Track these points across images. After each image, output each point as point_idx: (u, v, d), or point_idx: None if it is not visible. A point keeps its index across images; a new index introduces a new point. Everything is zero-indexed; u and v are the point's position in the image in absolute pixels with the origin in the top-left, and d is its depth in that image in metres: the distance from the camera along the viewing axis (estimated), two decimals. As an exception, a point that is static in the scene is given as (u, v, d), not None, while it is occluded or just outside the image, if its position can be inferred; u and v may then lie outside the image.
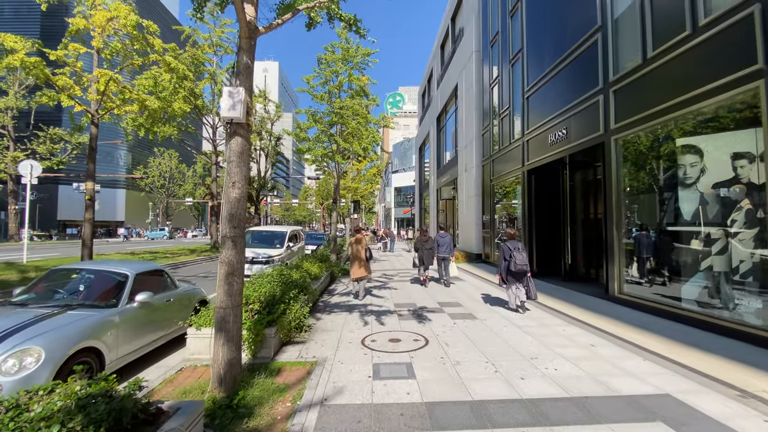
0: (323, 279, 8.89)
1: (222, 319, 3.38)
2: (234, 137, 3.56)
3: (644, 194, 6.75)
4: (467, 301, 7.64)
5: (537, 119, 10.37)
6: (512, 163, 12.06)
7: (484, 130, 14.97)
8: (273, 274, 6.18)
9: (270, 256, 10.29)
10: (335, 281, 10.47)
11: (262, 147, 27.61)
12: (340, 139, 10.80)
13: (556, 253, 10.66)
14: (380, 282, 10.29)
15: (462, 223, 17.42)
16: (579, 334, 5.33)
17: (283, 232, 11.70)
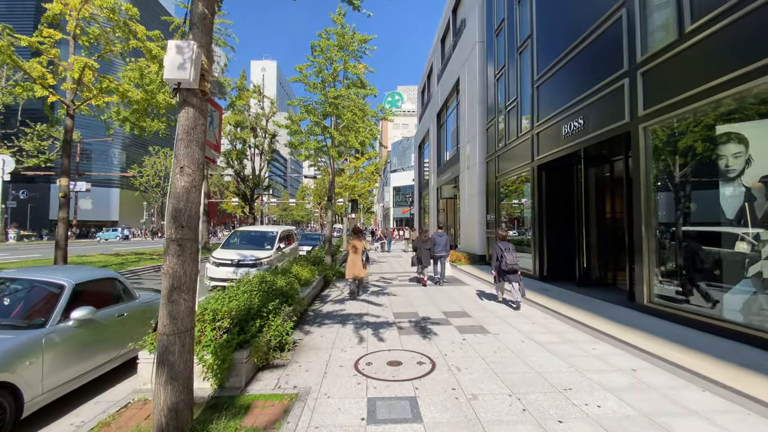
0: (315, 284, 8.04)
1: (164, 350, 2.53)
2: (184, 108, 2.71)
3: (678, 189, 5.93)
4: (475, 310, 6.80)
5: (548, 110, 9.54)
6: (520, 158, 11.23)
7: (488, 124, 14.15)
8: (253, 282, 5.33)
9: (257, 259, 9.43)
10: (329, 286, 9.61)
11: (256, 144, 26.71)
12: (335, 132, 9.94)
13: (568, 256, 9.83)
14: (378, 287, 9.44)
15: (464, 223, 16.60)
16: (613, 353, 4.50)
17: (273, 232, 10.84)
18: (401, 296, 8.19)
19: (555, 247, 9.97)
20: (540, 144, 10.02)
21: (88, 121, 49.54)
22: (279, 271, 7.15)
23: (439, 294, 8.47)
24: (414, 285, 9.72)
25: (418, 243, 10.00)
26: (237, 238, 10.93)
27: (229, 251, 9.81)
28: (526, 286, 9.08)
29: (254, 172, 27.30)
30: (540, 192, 10.14)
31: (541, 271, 9.98)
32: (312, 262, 9.71)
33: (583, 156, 9.01)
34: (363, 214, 62.48)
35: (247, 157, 26.45)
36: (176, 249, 2.56)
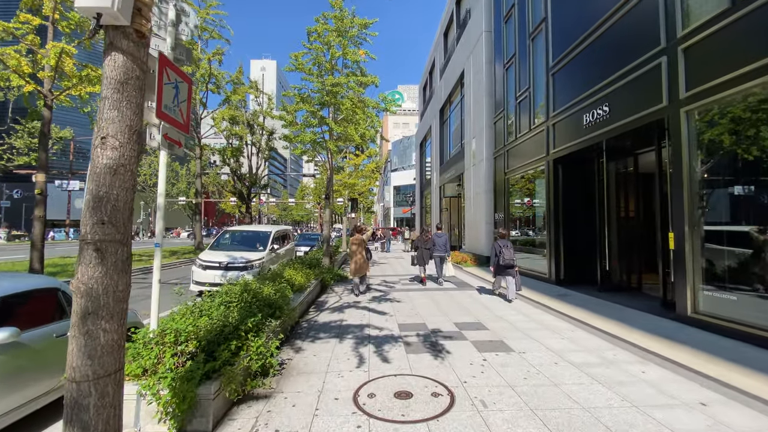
0: (310, 290, 7.22)
1: (74, 404, 1.72)
2: (110, 54, 1.89)
3: (730, 183, 5.13)
4: (491, 320, 5.99)
5: (566, 99, 8.74)
6: (533, 153, 10.42)
7: (496, 117, 13.34)
8: (233, 291, 4.53)
9: (248, 261, 8.62)
10: (327, 290, 8.81)
11: (253, 142, 25.89)
12: (332, 123, 9.13)
13: (587, 258, 9.03)
14: (380, 291, 8.63)
15: (469, 223, 15.79)
16: (669, 379, 3.70)
17: (267, 232, 10.03)
18: (406, 302, 7.39)
19: (572, 248, 9.17)
20: (556, 136, 9.21)
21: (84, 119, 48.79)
22: (269, 276, 6.35)
23: (447, 300, 7.66)
24: (419, 290, 8.92)
25: (418, 242, 10.20)
26: (227, 238, 10.13)
27: (218, 253, 9.01)
28: (541, 290, 8.30)
29: (251, 170, 26.48)
30: (556, 188, 9.33)
31: (558, 275, 9.17)
32: (308, 264, 8.91)
33: (605, 148, 8.20)
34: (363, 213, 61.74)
35: (243, 154, 25.64)
36: (93, 256, 1.75)
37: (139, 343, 3.09)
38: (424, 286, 9.36)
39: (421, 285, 9.55)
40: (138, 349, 3.03)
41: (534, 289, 8.57)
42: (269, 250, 9.44)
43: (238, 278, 8.36)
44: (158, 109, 3.06)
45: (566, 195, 9.24)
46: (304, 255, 13.62)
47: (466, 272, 12.06)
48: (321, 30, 9.46)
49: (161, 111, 3.10)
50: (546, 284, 9.19)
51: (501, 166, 12.76)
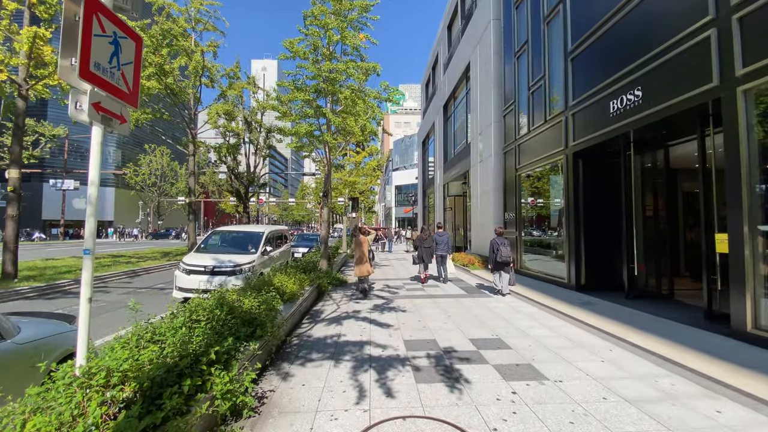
0: (304, 299, 6.40)
1: None
2: None
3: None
4: (511, 336, 5.17)
5: (588, 85, 7.90)
6: (548, 146, 9.59)
7: (505, 110, 12.51)
8: (205, 306, 3.72)
9: (237, 265, 7.81)
10: (324, 297, 7.99)
11: (251, 139, 25.10)
12: (329, 112, 8.31)
13: (612, 261, 8.21)
14: (383, 298, 7.81)
15: (476, 223, 14.96)
16: (757, 423, 2.86)
17: (259, 232, 9.23)
18: (412, 312, 6.56)
19: (594, 250, 8.33)
20: (576, 127, 8.38)
21: (80, 118, 48.11)
22: (255, 284, 5.54)
23: (458, 309, 6.84)
24: (425, 296, 8.10)
25: (418, 242, 10.27)
26: (216, 239, 9.33)
27: (204, 255, 8.20)
28: (561, 297, 7.49)
29: (249, 168, 25.69)
30: (575, 184, 8.49)
31: (578, 279, 8.34)
32: (303, 268, 8.10)
33: (632, 139, 7.36)
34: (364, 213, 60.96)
35: (240, 152, 24.87)
36: None
37: (58, 385, 2.28)
38: (430, 293, 8.55)
39: (422, 284, 9.62)
40: (55, 395, 2.22)
41: (552, 295, 7.74)
42: (261, 253, 8.63)
43: (225, 283, 7.58)
44: (83, 67, 2.24)
45: (587, 192, 8.41)
46: (302, 257, 12.85)
47: (474, 275, 11.24)
48: (318, 12, 8.65)
49: (88, 70, 2.29)
50: (565, 290, 8.36)
51: (511, 163, 11.93)
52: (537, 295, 7.84)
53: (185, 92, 17.30)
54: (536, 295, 7.84)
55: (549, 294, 7.95)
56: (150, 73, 14.27)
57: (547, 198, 10.29)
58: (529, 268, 10.76)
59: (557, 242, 9.51)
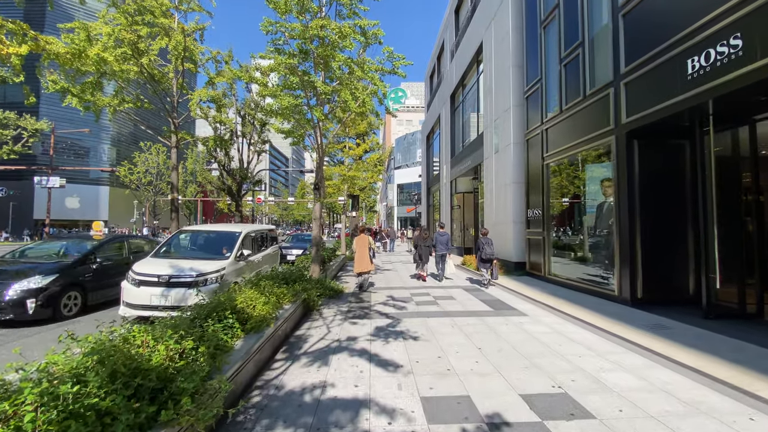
0: (279, 325, 4.68)
1: None
2: None
3: None
4: (582, 387, 3.44)
5: (652, 42, 6.15)
6: (589, 127, 7.86)
7: (528, 91, 10.78)
8: (67, 364, 2.01)
9: (201, 274, 6.12)
10: (311, 315, 6.27)
11: (243, 132, 23.43)
12: (318, 81, 6.58)
13: (678, 269, 6.50)
14: (387, 317, 6.08)
15: (491, 222, 13.23)
16: None
17: (235, 233, 7.52)
18: (427, 340, 4.85)
19: (655, 255, 6.59)
20: (631, 100, 6.64)
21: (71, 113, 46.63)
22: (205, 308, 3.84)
23: (488, 334, 5.12)
24: (440, 314, 6.38)
25: (418, 240, 10.45)
26: (181, 241, 7.65)
27: (162, 262, 6.52)
28: (615, 315, 5.77)
29: (242, 163, 24.03)
30: (630, 172, 6.75)
31: (632, 292, 6.60)
32: (286, 278, 6.40)
33: (712, 111, 5.63)
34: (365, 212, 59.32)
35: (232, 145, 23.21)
36: None
37: None
38: (446, 309, 6.84)
39: (423, 282, 9.85)
40: None
41: (603, 313, 6.01)
42: (235, 257, 6.93)
43: (185, 298, 5.90)
44: None
45: (645, 181, 6.67)
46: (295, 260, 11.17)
47: (493, 284, 9.50)
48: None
49: None
50: (615, 305, 6.63)
51: (536, 151, 10.20)
52: (582, 312, 6.12)
53: (167, 78, 15.64)
54: (581, 312, 6.12)
55: (597, 310, 6.22)
56: (122, 54, 12.61)
57: (584, 191, 8.56)
58: (561, 275, 9.03)
59: (601, 245, 7.79)
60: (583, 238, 8.53)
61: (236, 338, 3.69)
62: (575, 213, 9.03)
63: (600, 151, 7.76)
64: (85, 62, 10.45)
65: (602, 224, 7.75)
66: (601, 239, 7.77)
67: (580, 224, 8.78)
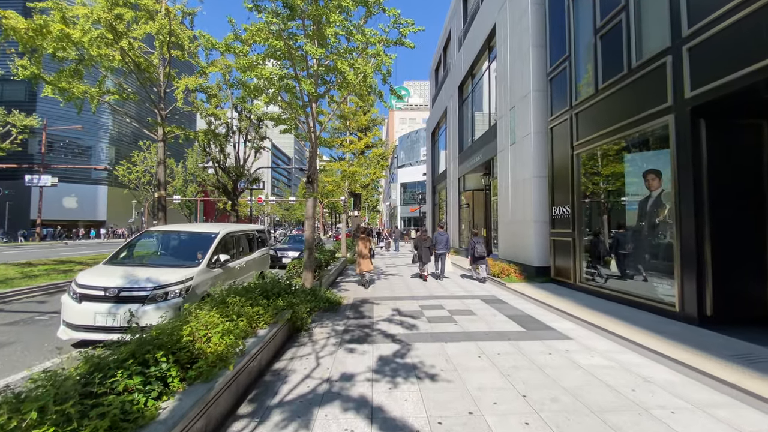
0: (245, 363, 3.38)
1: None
2: None
3: None
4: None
5: (725, -5, 4.84)
6: (634, 106, 6.54)
7: (553, 72, 9.47)
8: None
9: (161, 286, 4.87)
10: (298, 338, 4.99)
11: (239, 128, 22.26)
12: (308, 44, 5.30)
13: (760, 279, 5.17)
14: (394, 341, 4.78)
15: (506, 221, 11.93)
16: None
17: (210, 234, 6.27)
18: (449, 381, 3.57)
19: (729, 261, 5.27)
20: (698, 67, 5.32)
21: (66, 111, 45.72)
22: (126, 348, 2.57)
23: (530, 371, 3.82)
24: (461, 338, 5.08)
25: (418, 241, 10.74)
26: (146, 243, 6.42)
27: (115, 269, 5.28)
28: (682, 339, 4.42)
29: (237, 160, 22.84)
30: (696, 159, 5.43)
31: (700, 307, 5.28)
32: (266, 291, 5.13)
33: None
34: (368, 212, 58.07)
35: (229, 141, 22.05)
36: None
37: None
38: (466, 328, 5.56)
39: (426, 283, 9.89)
40: None
41: (663, 335, 4.70)
42: (208, 264, 5.68)
43: (139, 316, 4.65)
44: None
45: (716, 170, 5.35)
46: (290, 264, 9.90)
47: (514, 292, 8.20)
48: None
49: None
50: (677, 324, 5.31)
51: (563, 140, 8.89)
52: (640, 335, 4.81)
53: (153, 66, 14.46)
54: (638, 335, 4.81)
55: (657, 332, 4.92)
56: (99, 36, 11.43)
57: (627, 184, 7.23)
58: (597, 283, 7.72)
59: (654, 248, 6.47)
60: (626, 240, 7.21)
61: (168, 396, 2.43)
62: (615, 210, 7.71)
63: (651, 135, 6.45)
64: (46, 39, 9.26)
65: (655, 224, 6.44)
66: (654, 242, 6.46)
67: (621, 223, 7.45)
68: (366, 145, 16.23)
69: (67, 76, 12.63)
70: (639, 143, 6.84)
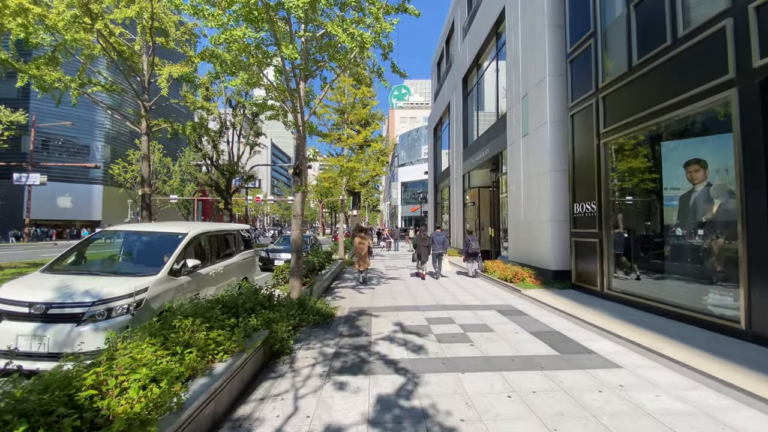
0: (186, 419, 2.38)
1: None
2: None
3: None
4: None
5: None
6: (685, 81, 5.51)
7: (574, 52, 8.45)
8: None
9: (102, 300, 3.86)
10: (275, 365, 3.97)
11: (232, 123, 21.29)
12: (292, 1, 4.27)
13: None
14: (397, 368, 3.77)
15: (517, 220, 10.92)
16: None
17: (176, 235, 5.24)
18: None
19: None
20: None
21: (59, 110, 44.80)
22: None
23: (590, 425, 2.82)
24: (485, 366, 4.08)
25: (417, 240, 10.94)
26: (97, 247, 5.41)
27: (49, 279, 4.27)
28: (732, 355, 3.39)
29: (231, 157, 21.87)
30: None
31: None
32: (235, 307, 4.12)
33: None
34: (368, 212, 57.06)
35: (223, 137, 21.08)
36: None
37: None
38: (484, 350, 4.55)
39: (420, 279, 10.33)
40: None
41: (732, 360, 3.68)
42: (170, 271, 4.66)
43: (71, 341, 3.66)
44: None
45: (796, 155, 4.33)
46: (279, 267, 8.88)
47: (532, 301, 7.17)
48: None
49: None
50: (744, 345, 4.29)
51: (587, 128, 7.87)
52: (704, 360, 3.80)
53: (137, 55, 13.46)
54: (702, 360, 3.80)
55: (722, 355, 3.90)
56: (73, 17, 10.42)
57: (667, 176, 6.21)
58: (630, 291, 6.70)
59: (703, 252, 5.45)
60: (665, 241, 6.19)
61: None
62: (651, 207, 6.68)
63: (699, 117, 5.44)
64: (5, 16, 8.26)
65: (703, 223, 5.43)
66: (703, 244, 5.44)
67: (659, 222, 6.43)
68: (365, 139, 15.21)
69: (43, 64, 11.66)
70: (681, 129, 5.83)
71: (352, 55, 5.66)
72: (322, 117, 15.01)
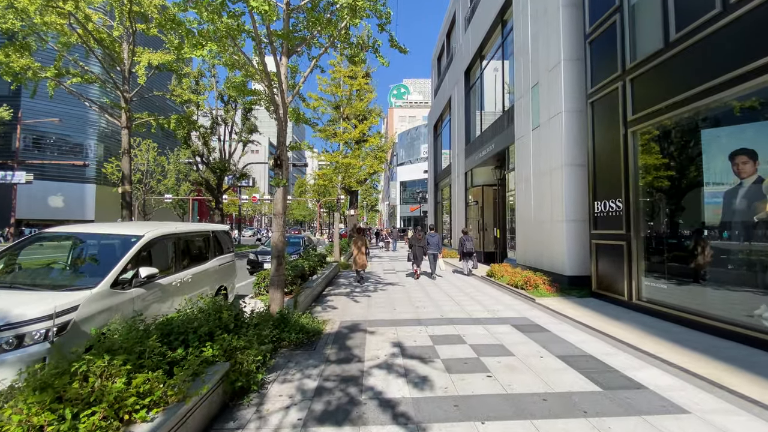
0: None
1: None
2: None
3: None
4: None
5: None
6: (738, 55, 4.62)
7: (595, 31, 7.55)
8: None
9: (9, 324, 2.94)
10: (235, 411, 3.07)
11: (224, 119, 20.37)
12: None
13: None
14: (395, 411, 2.85)
15: (528, 220, 10.04)
16: None
17: (128, 237, 4.32)
18: None
19: None
20: None
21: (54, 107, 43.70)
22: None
23: None
24: (512, 412, 3.17)
25: (413, 241, 11.19)
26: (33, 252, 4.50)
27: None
28: None
29: (223, 154, 20.93)
30: None
31: None
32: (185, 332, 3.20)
33: None
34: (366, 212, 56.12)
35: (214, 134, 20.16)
36: None
37: None
38: (511, 387, 3.64)
39: (414, 279, 10.58)
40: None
41: None
42: (114, 283, 3.74)
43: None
44: None
45: None
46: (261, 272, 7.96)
47: (550, 312, 6.27)
48: None
49: None
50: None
51: (610, 116, 6.98)
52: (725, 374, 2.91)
53: (117, 43, 12.51)
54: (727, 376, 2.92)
55: (757, 372, 3.02)
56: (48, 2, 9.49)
57: (712, 169, 5.32)
58: (666, 303, 5.81)
59: (758, 258, 4.57)
60: (710, 243, 5.29)
61: None
62: (694, 204, 5.79)
63: (757, 95, 4.55)
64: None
65: (756, 223, 4.55)
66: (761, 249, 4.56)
67: (705, 222, 5.54)
68: (362, 134, 14.30)
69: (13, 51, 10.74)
70: (727, 113, 4.95)
71: (343, 24, 4.75)
72: (316, 110, 14.10)
